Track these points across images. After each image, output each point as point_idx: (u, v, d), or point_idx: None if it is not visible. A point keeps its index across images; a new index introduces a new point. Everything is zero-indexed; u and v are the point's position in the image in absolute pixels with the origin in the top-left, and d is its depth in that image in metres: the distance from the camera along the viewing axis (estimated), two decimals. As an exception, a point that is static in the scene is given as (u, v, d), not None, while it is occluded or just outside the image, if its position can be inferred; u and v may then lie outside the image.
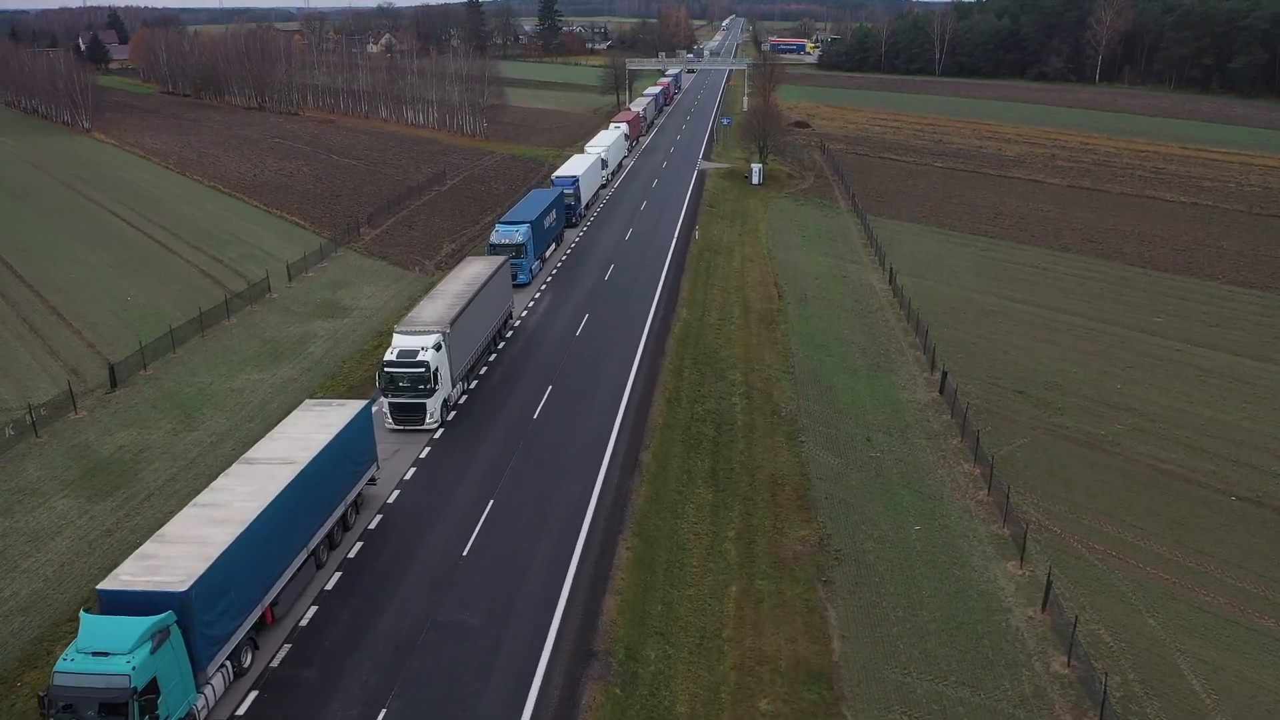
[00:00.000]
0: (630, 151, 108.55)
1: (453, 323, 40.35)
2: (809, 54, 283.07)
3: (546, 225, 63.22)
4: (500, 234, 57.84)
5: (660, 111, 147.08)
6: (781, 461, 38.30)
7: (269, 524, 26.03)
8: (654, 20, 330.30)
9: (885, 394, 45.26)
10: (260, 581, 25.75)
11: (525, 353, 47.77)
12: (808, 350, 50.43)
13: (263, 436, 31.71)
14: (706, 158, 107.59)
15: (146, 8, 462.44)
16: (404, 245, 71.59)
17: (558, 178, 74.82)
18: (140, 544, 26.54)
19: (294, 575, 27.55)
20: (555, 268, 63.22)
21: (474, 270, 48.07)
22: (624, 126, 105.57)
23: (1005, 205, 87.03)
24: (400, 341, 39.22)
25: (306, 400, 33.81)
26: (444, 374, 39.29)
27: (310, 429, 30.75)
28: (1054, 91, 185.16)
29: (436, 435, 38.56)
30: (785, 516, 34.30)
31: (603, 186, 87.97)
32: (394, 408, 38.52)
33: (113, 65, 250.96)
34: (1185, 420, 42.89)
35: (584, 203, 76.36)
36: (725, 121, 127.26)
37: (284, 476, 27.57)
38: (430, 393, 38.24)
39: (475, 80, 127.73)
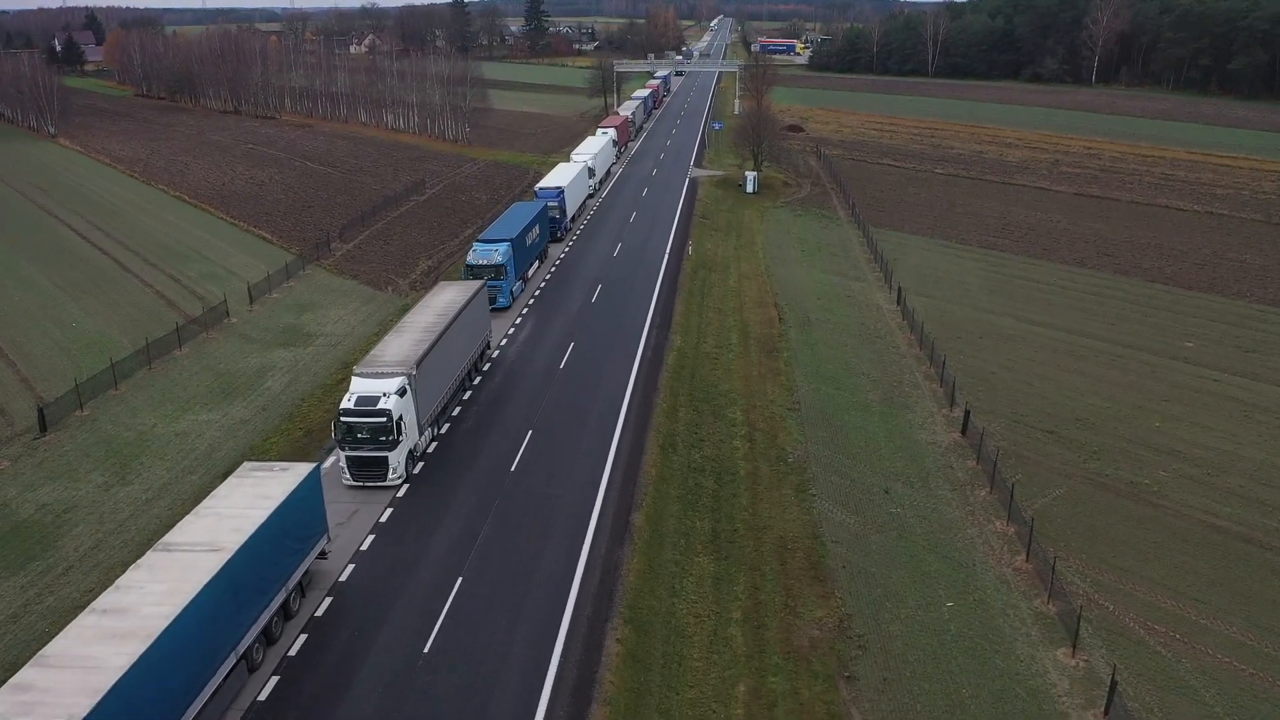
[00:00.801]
0: (618, 158, 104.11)
1: (420, 363, 35.82)
2: (799, 55, 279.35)
3: (529, 242, 58.75)
4: (478, 254, 53.34)
5: (649, 115, 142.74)
6: (790, 520, 33.93)
7: (185, 632, 21.50)
8: (642, 21, 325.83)
9: (902, 435, 40.93)
10: (172, 705, 21.21)
11: (504, 390, 43.25)
12: (813, 383, 46.09)
13: (202, 497, 27.43)
14: (698, 164, 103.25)
15: (128, 8, 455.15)
16: (377, 262, 66.97)
17: (541, 189, 70.34)
18: (51, 632, 22.18)
19: (220, 686, 23.02)
20: (538, 288, 58.74)
21: (447, 298, 43.53)
22: (612, 132, 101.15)
23: (1012, 215, 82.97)
24: (359, 386, 34.65)
25: (244, 464, 29.21)
26: (409, 422, 34.78)
27: (245, 503, 26.19)
28: (1050, 93, 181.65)
29: (400, 493, 34.03)
30: (798, 591, 29.92)
31: (590, 196, 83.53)
32: (352, 462, 33.96)
33: (88, 67, 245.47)
34: (1235, 465, 38.69)
35: (569, 215, 71.90)
36: (717, 126, 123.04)
37: (207, 568, 23.03)
38: (393, 445, 33.70)
39: (457, 83, 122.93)
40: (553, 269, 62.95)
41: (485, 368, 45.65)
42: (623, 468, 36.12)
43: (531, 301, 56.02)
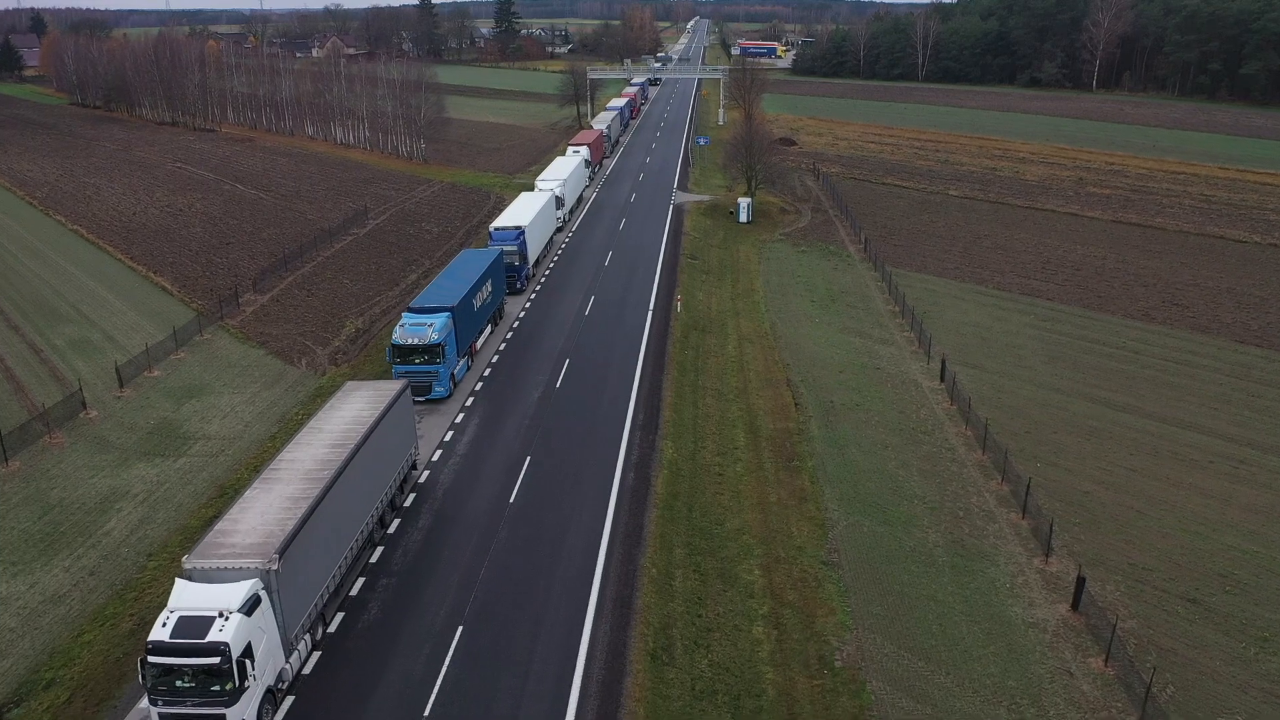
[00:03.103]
0: (591, 179, 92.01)
1: (288, 546, 23.67)
2: (780, 58, 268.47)
3: (478, 305, 46.60)
4: (407, 330, 41.10)
5: (626, 127, 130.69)
6: (853, 796, 21.99)
7: None
8: (617, 23, 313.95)
9: (987, 609, 29.12)
10: None
11: (429, 545, 31.03)
12: (852, 513, 34.24)
13: None
14: (682, 187, 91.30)
15: (88, 9, 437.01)
16: (295, 321, 54.54)
17: (497, 230, 58.06)
18: None
19: None
20: (489, 365, 46.54)
21: (350, 412, 31.36)
22: (584, 150, 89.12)
23: (1049, 249, 71.60)
24: (184, 598, 22.41)
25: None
26: (267, 647, 22.62)
27: None
28: (1051, 100, 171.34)
29: (247, 769, 21.81)
30: None
31: (558, 230, 71.43)
32: (170, 724, 21.75)
33: (27, 73, 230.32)
34: None
35: (532, 260, 59.68)
36: (701, 141, 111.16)
37: None
38: (233, 697, 21.52)
39: (411, 91, 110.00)
40: (509, 334, 50.77)
41: (408, 501, 33.43)
42: (595, 699, 24.07)
43: (479, 386, 43.79)
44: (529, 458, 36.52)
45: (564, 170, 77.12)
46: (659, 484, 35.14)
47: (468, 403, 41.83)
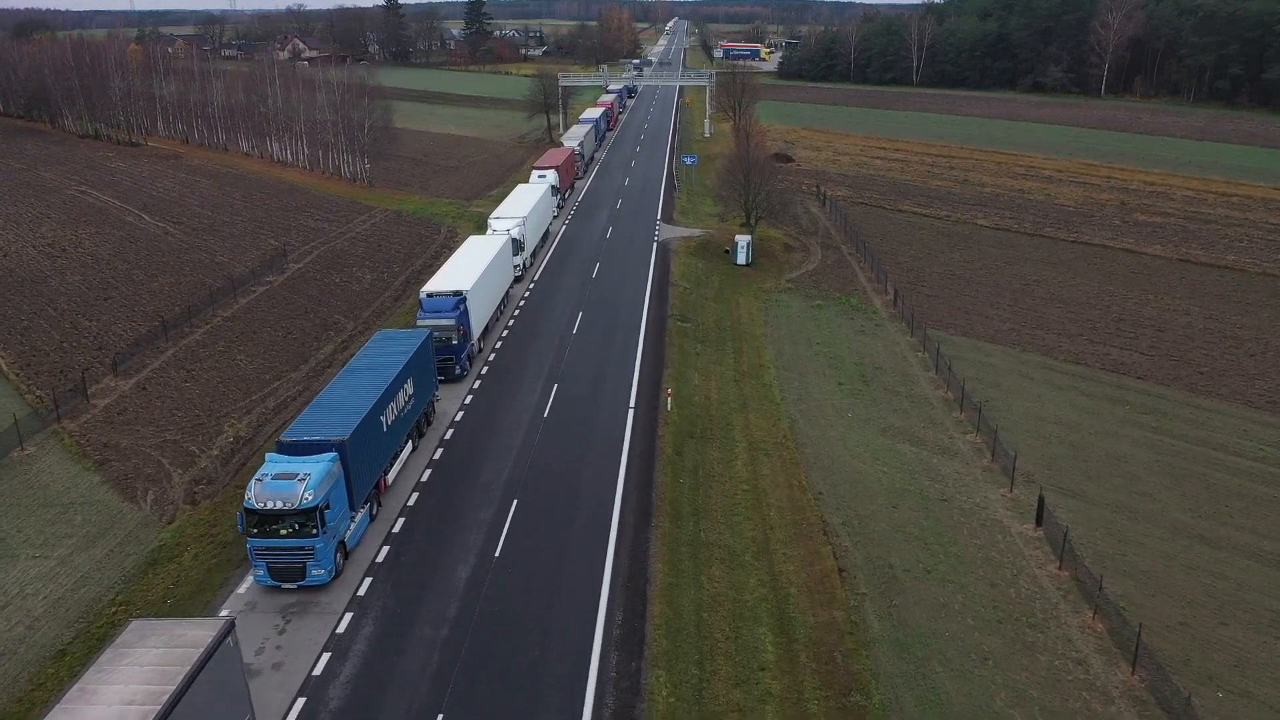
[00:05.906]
0: (560, 209, 78.60)
1: None
2: (764, 60, 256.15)
3: (391, 420, 33.05)
4: (268, 486, 27.27)
5: (601, 141, 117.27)
6: None
7: None
8: (594, 24, 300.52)
9: None
10: None
11: None
12: (962, 820, 21.02)
13: None
14: (667, 218, 77.93)
15: (48, 10, 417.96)
16: (157, 423, 40.81)
17: (430, 297, 44.34)
18: None
19: None
20: (403, 507, 32.90)
21: (112, 709, 17.81)
22: (551, 174, 75.76)
23: (1116, 300, 58.89)
24: None
25: None
26: None
27: None
28: (1060, 107, 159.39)
29: None
30: None
31: (517, 280, 58.03)
32: None
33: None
34: None
35: (478, 333, 46.12)
36: (688, 161, 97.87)
37: None
38: None
39: (354, 98, 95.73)
40: (438, 451, 37.16)
41: (227, 831, 19.87)
42: None
43: (383, 554, 30.15)
44: (449, 691, 23.04)
45: (525, 203, 63.60)
46: (648, 776, 21.79)
47: (362, 589, 28.23)
